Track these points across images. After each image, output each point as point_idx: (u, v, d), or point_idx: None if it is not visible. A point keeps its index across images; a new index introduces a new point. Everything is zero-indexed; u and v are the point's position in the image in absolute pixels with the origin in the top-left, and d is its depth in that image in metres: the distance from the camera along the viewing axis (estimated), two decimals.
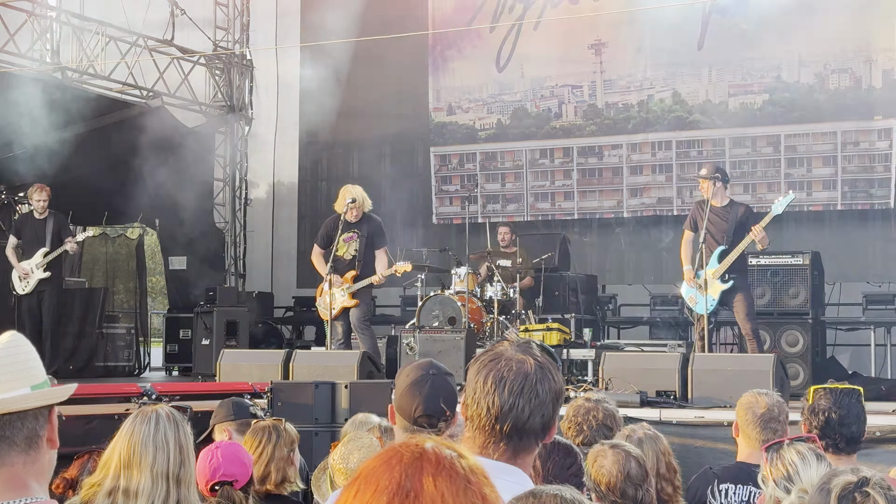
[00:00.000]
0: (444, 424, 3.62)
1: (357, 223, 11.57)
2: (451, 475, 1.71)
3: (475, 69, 17.00)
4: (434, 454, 1.73)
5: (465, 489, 1.71)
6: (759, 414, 5.07)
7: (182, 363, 16.34)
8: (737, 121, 15.37)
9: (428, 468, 1.71)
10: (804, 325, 11.49)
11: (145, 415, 3.58)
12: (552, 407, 2.54)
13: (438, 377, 3.67)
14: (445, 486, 1.69)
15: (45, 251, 12.74)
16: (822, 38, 14.74)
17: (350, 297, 11.57)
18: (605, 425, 5.21)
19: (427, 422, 3.56)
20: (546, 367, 2.56)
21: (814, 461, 3.85)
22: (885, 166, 14.48)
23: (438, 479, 1.70)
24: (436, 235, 16.99)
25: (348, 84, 17.73)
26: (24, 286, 12.82)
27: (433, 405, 3.56)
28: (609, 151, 16.21)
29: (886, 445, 7.92)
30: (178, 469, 3.53)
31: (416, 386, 3.60)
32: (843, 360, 13.72)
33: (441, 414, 3.58)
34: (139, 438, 3.52)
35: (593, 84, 16.27)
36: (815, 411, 4.83)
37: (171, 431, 3.56)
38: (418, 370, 3.69)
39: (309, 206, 18.43)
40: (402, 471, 1.72)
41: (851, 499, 2.76)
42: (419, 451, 1.74)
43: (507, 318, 12.99)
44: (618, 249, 16.46)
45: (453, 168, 17.17)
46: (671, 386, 9.64)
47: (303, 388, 8.88)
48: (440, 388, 3.63)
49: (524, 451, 2.57)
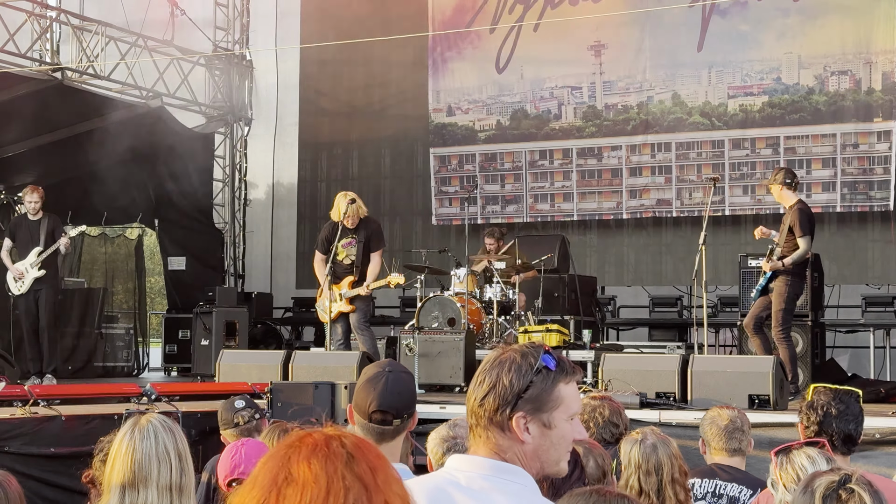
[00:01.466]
0: (400, 422, 3.62)
1: (354, 229, 11.58)
2: (326, 455, 1.71)
3: (475, 70, 17.00)
4: (310, 440, 1.74)
5: (347, 464, 1.71)
6: (723, 426, 5.27)
7: (181, 363, 16.34)
8: (736, 122, 15.38)
9: (303, 453, 1.72)
10: (804, 327, 11.49)
11: (141, 428, 3.57)
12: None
13: (395, 374, 3.68)
14: (320, 466, 1.70)
15: (40, 250, 12.73)
16: (822, 41, 14.75)
17: (347, 302, 11.58)
18: (612, 422, 5.24)
19: (381, 418, 3.57)
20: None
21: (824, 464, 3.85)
22: (884, 168, 14.48)
23: (313, 461, 1.71)
24: (435, 236, 17.00)
25: (348, 85, 17.75)
26: (19, 286, 12.80)
27: (387, 401, 3.57)
28: (608, 153, 16.21)
29: (886, 448, 7.92)
30: (181, 478, 3.54)
31: (371, 382, 3.62)
32: (842, 361, 13.73)
33: (395, 410, 3.59)
34: (141, 455, 3.51)
35: (593, 85, 16.27)
36: (813, 406, 4.88)
37: (171, 442, 3.56)
38: (376, 367, 3.71)
39: (308, 207, 18.43)
40: (277, 462, 1.73)
41: (836, 497, 2.77)
42: (295, 441, 1.75)
43: (507, 320, 12.99)
44: (617, 251, 16.47)
45: (453, 169, 17.17)
46: (671, 387, 9.64)
47: (302, 388, 8.90)
48: (396, 384, 3.64)
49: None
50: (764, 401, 9.38)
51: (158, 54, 16.51)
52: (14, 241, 13.03)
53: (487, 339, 12.70)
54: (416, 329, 11.83)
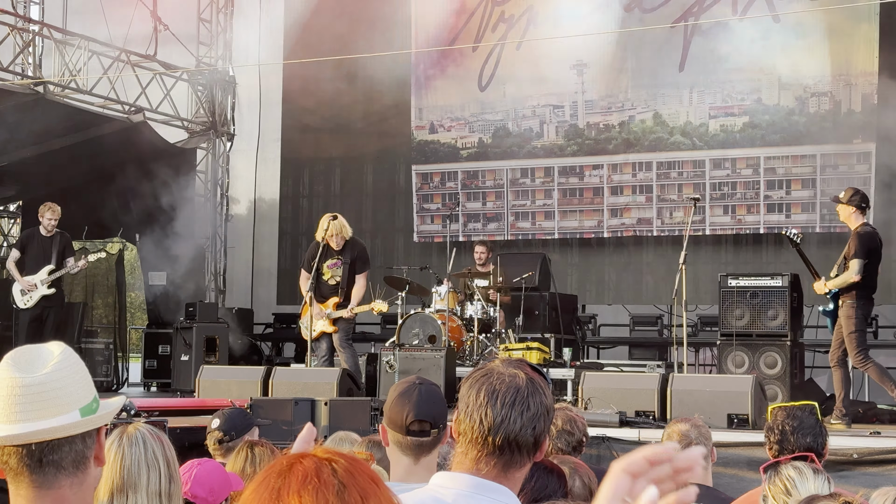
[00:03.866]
0: (437, 433, 3.62)
1: (340, 250, 11.65)
2: (317, 487, 1.67)
3: (457, 88, 17.05)
4: (300, 468, 1.70)
5: (339, 494, 1.68)
6: (676, 440, 5.29)
7: (161, 379, 16.28)
8: (717, 142, 15.46)
9: (293, 485, 1.68)
10: (783, 347, 11.53)
11: (130, 436, 3.56)
12: (543, 421, 2.56)
13: (426, 385, 3.69)
14: (311, 499, 1.66)
15: (51, 269, 12.74)
16: (803, 62, 14.83)
17: (330, 322, 11.70)
18: (566, 430, 5.21)
19: (419, 428, 3.56)
20: (537, 382, 2.59)
21: (811, 475, 3.88)
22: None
23: (304, 494, 1.67)
24: (417, 253, 17.02)
25: (331, 102, 17.75)
26: (26, 301, 12.79)
27: (424, 410, 3.56)
28: (590, 171, 16.26)
29: (864, 468, 7.95)
30: (169, 485, 3.53)
31: (404, 395, 3.61)
32: (821, 382, 13.76)
33: (433, 419, 3.58)
34: (130, 461, 3.51)
35: (575, 104, 16.33)
36: (771, 427, 4.93)
37: (159, 449, 3.55)
38: (406, 382, 3.71)
39: (290, 223, 18.43)
40: (268, 494, 1.69)
41: None
42: (285, 469, 1.71)
43: (488, 337, 13.00)
44: (598, 269, 16.51)
45: (435, 186, 17.20)
46: (650, 406, 9.68)
47: (282, 404, 8.90)
48: (430, 395, 3.64)
49: (514, 467, 2.58)
50: (743, 420, 9.42)
51: (141, 69, 16.49)
52: (24, 253, 13.01)
53: (468, 356, 12.71)
54: (397, 346, 11.83)
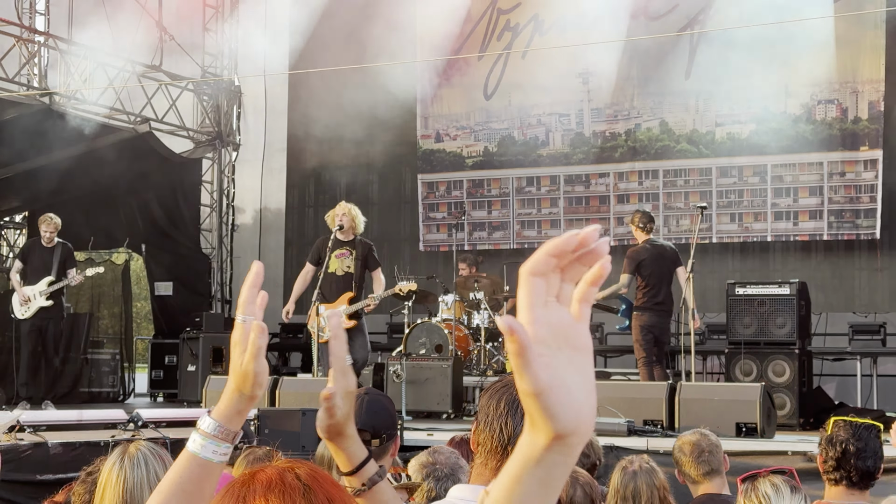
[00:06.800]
0: (380, 443, 3.61)
1: (350, 242, 11.58)
2: (283, 490, 1.68)
3: (463, 97, 17.04)
4: (263, 476, 1.71)
5: (305, 495, 1.68)
6: (689, 452, 5.43)
7: (167, 389, 16.27)
8: (724, 150, 15.42)
9: (258, 491, 1.69)
10: (791, 355, 11.50)
11: (132, 457, 3.54)
12: None
13: (371, 396, 3.68)
14: (278, 501, 1.67)
15: (51, 280, 12.80)
16: (809, 70, 14.80)
17: (347, 318, 11.27)
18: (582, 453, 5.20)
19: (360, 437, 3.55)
20: None
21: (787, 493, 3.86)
22: (871, 197, 14.53)
23: (270, 496, 1.68)
24: (423, 263, 16.99)
25: (336, 111, 17.74)
26: (23, 311, 12.88)
27: (365, 419, 3.56)
28: (596, 180, 16.24)
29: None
30: None
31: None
32: (829, 389, 13.74)
33: (373, 429, 3.57)
34: (133, 483, 3.48)
35: (580, 112, 16.31)
36: (832, 441, 4.82)
37: (161, 469, 3.53)
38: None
39: (296, 233, 18.41)
40: (233, 502, 1.69)
41: None
42: (248, 478, 1.72)
43: (495, 346, 12.97)
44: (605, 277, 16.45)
45: (440, 195, 17.18)
46: (658, 415, 9.64)
47: (290, 415, 8.86)
48: (373, 405, 3.63)
49: None
50: (751, 429, 9.38)
51: (147, 79, 16.51)
52: (25, 263, 13.12)
53: (475, 365, 12.68)
54: (404, 355, 11.79)
